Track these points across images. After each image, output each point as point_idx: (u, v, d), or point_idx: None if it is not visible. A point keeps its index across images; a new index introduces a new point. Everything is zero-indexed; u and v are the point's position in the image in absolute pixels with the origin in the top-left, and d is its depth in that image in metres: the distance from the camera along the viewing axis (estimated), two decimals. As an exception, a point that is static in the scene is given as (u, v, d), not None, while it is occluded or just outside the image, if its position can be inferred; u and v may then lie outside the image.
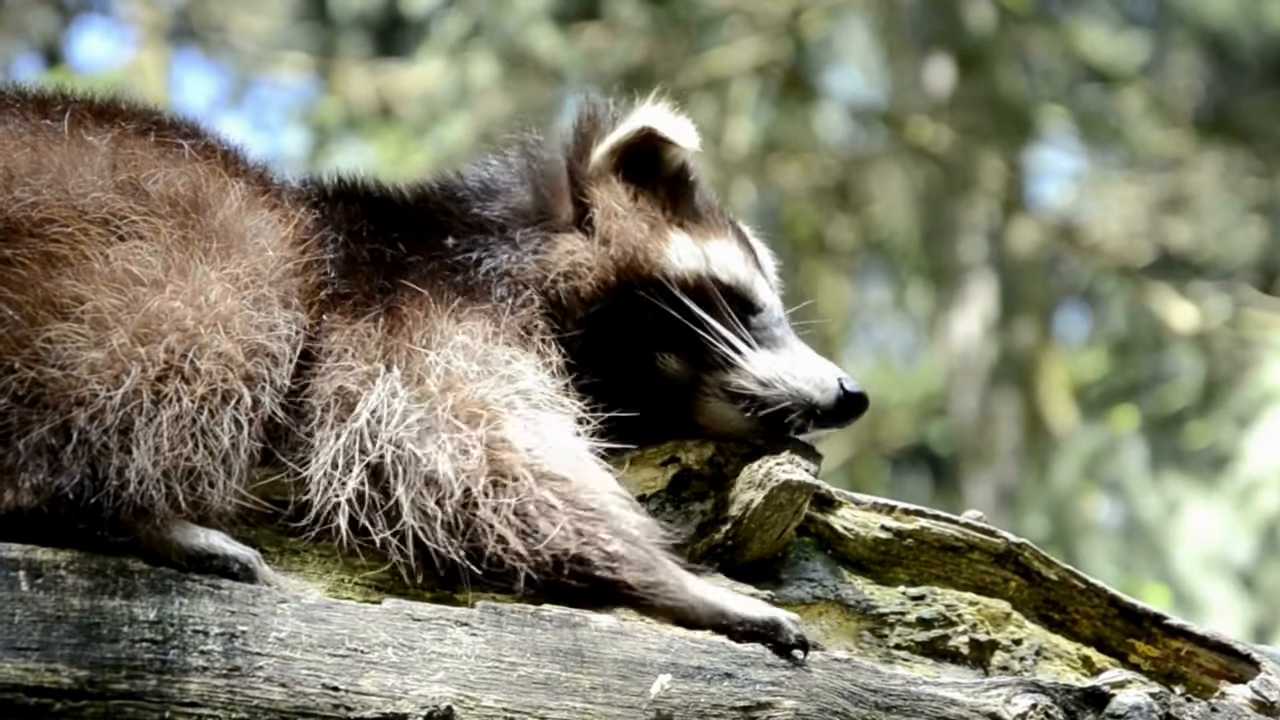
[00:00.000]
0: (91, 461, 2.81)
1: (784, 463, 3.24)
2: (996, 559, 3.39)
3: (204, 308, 2.96)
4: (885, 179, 14.78)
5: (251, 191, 3.18)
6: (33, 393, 2.82)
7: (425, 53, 13.12)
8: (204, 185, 3.10)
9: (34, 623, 2.72)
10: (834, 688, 3.04)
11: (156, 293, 2.93)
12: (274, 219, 3.17)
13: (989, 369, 13.11)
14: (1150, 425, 11.70)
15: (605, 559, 3.06)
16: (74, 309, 2.87)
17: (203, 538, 2.91)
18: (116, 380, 2.85)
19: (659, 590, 3.07)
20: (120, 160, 3.05)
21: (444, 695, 2.87)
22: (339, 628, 2.88)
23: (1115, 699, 3.16)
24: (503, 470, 3.08)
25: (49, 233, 2.91)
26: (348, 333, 3.17)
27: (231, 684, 2.79)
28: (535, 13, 12.42)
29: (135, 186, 3.03)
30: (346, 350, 3.15)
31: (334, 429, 3.10)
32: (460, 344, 3.17)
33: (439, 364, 3.14)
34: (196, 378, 2.92)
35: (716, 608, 3.07)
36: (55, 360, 2.83)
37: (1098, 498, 11.42)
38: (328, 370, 3.14)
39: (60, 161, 3.01)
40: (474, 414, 3.11)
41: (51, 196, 2.95)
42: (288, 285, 3.11)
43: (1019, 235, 13.29)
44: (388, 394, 3.10)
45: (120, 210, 2.98)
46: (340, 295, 3.23)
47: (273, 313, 3.04)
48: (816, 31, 13.82)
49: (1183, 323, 12.52)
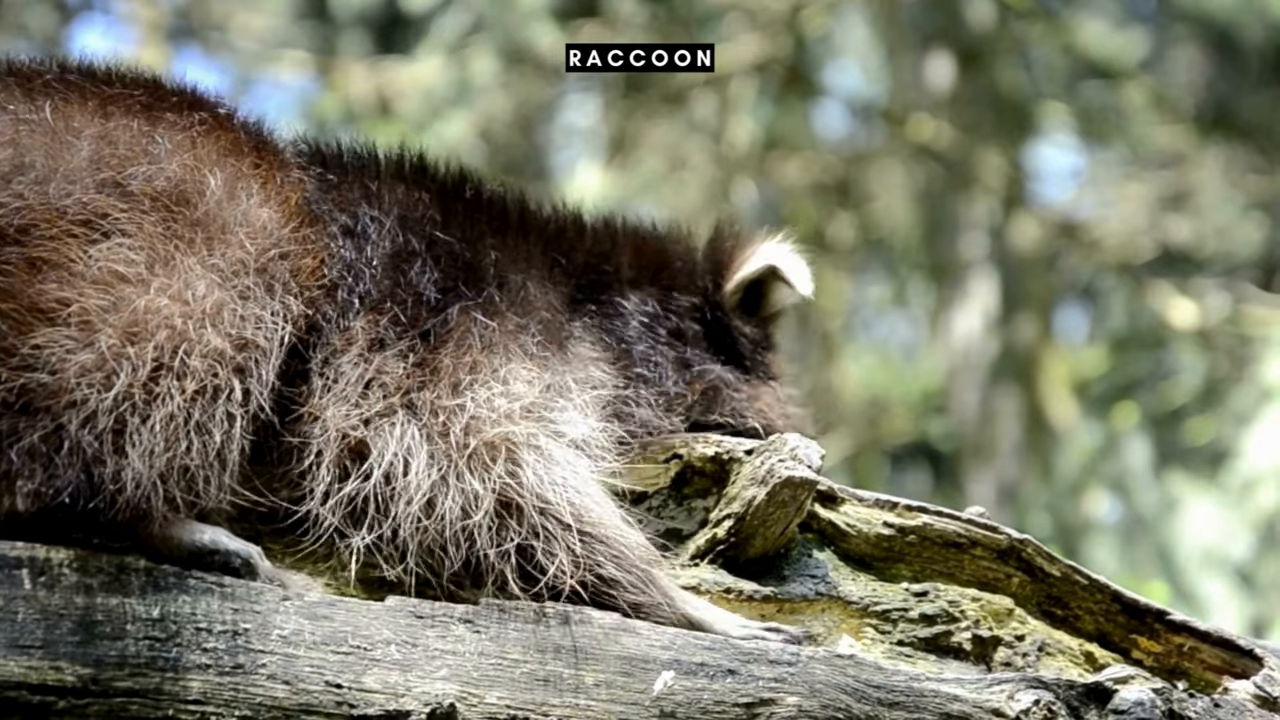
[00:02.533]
0: (86, 466, 2.78)
1: (786, 459, 3.24)
2: (999, 555, 3.39)
3: (191, 303, 2.93)
4: (886, 176, 14.79)
5: (240, 172, 3.13)
6: (23, 399, 2.79)
7: (425, 49, 13.11)
8: (189, 174, 3.06)
9: (37, 621, 2.71)
10: (837, 684, 3.04)
11: (142, 291, 2.90)
12: (263, 199, 3.13)
13: (990, 365, 13.10)
14: (1151, 422, 11.69)
15: (600, 583, 3.08)
16: (60, 312, 2.84)
17: (203, 534, 2.90)
18: (107, 382, 2.82)
19: (650, 612, 3.10)
20: (103, 156, 3.01)
21: (447, 692, 2.87)
22: (342, 625, 2.88)
23: (1118, 694, 3.16)
24: (509, 506, 3.08)
25: (33, 237, 2.88)
26: (369, 359, 3.14)
27: (234, 681, 2.79)
28: (535, 9, 12.41)
29: (117, 184, 2.99)
30: (363, 379, 3.12)
31: (340, 479, 3.07)
32: (512, 378, 3.17)
33: (469, 409, 3.13)
34: (187, 374, 2.89)
35: (699, 627, 3.11)
36: (44, 365, 2.80)
37: (1098, 494, 11.41)
38: (337, 397, 3.11)
39: (42, 160, 2.97)
40: (493, 455, 3.10)
41: (35, 200, 2.91)
42: (275, 270, 3.07)
43: (1019, 232, 13.28)
44: (403, 449, 3.08)
45: (102, 209, 2.95)
46: (367, 292, 3.21)
47: (261, 303, 3.01)
48: (816, 28, 13.81)
49: (1183, 319, 12.51)
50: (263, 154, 3.24)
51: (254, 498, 3.03)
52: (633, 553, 3.13)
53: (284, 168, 3.26)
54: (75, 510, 2.79)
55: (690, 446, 3.34)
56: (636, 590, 3.11)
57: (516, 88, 13.03)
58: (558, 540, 3.07)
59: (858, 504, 3.38)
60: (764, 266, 3.71)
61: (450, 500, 3.06)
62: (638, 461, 3.31)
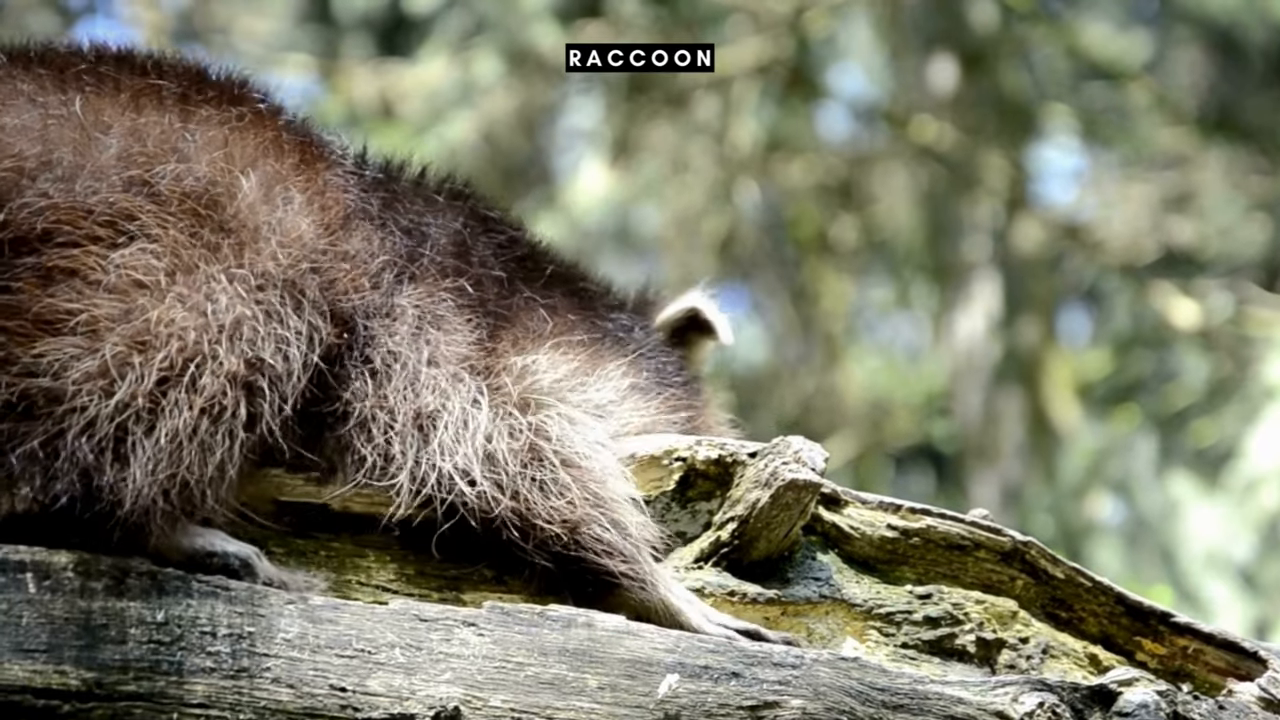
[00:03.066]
0: (84, 473, 2.75)
1: (790, 462, 3.24)
2: (1003, 557, 3.39)
3: (209, 316, 2.87)
4: (889, 178, 14.78)
5: (279, 173, 3.06)
6: (25, 403, 2.76)
7: (428, 51, 13.12)
8: (220, 175, 2.99)
9: (41, 625, 2.71)
10: (841, 686, 3.04)
11: (158, 300, 2.85)
12: (302, 204, 3.06)
13: (993, 368, 13.10)
14: (1154, 423, 11.70)
15: (595, 540, 3.12)
16: (66, 322, 2.79)
17: (201, 538, 2.89)
18: (109, 389, 2.78)
19: (634, 582, 3.14)
20: (131, 153, 2.95)
21: (451, 695, 2.87)
22: (346, 628, 2.88)
23: (1122, 697, 3.16)
24: (537, 452, 3.16)
25: (53, 242, 2.84)
26: (425, 341, 3.20)
27: (239, 685, 2.79)
28: (538, 10, 12.42)
29: (145, 183, 2.92)
30: (424, 360, 3.17)
31: (412, 449, 3.11)
32: (561, 360, 3.27)
33: (519, 364, 3.23)
34: (196, 390, 2.83)
35: (676, 616, 3.14)
36: (46, 371, 2.76)
37: (1102, 496, 11.42)
38: (403, 383, 3.14)
39: (70, 156, 2.91)
40: (526, 402, 3.19)
41: (60, 198, 2.86)
42: (306, 284, 3.01)
43: (1022, 234, 13.28)
44: (469, 402, 3.16)
45: (128, 210, 2.89)
46: (428, 272, 3.25)
47: (285, 322, 2.96)
48: (819, 30, 13.81)
49: (1186, 321, 12.51)
50: (306, 154, 3.17)
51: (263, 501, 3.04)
52: (630, 522, 3.17)
53: (330, 169, 3.20)
54: (71, 517, 2.77)
55: (694, 449, 3.34)
56: (628, 560, 3.14)
57: (519, 89, 13.04)
58: (572, 490, 3.14)
59: (861, 506, 3.38)
60: (687, 309, 3.90)
61: (499, 435, 3.15)
62: (642, 465, 3.31)
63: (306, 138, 3.22)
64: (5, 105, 2.97)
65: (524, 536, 3.11)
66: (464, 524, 3.12)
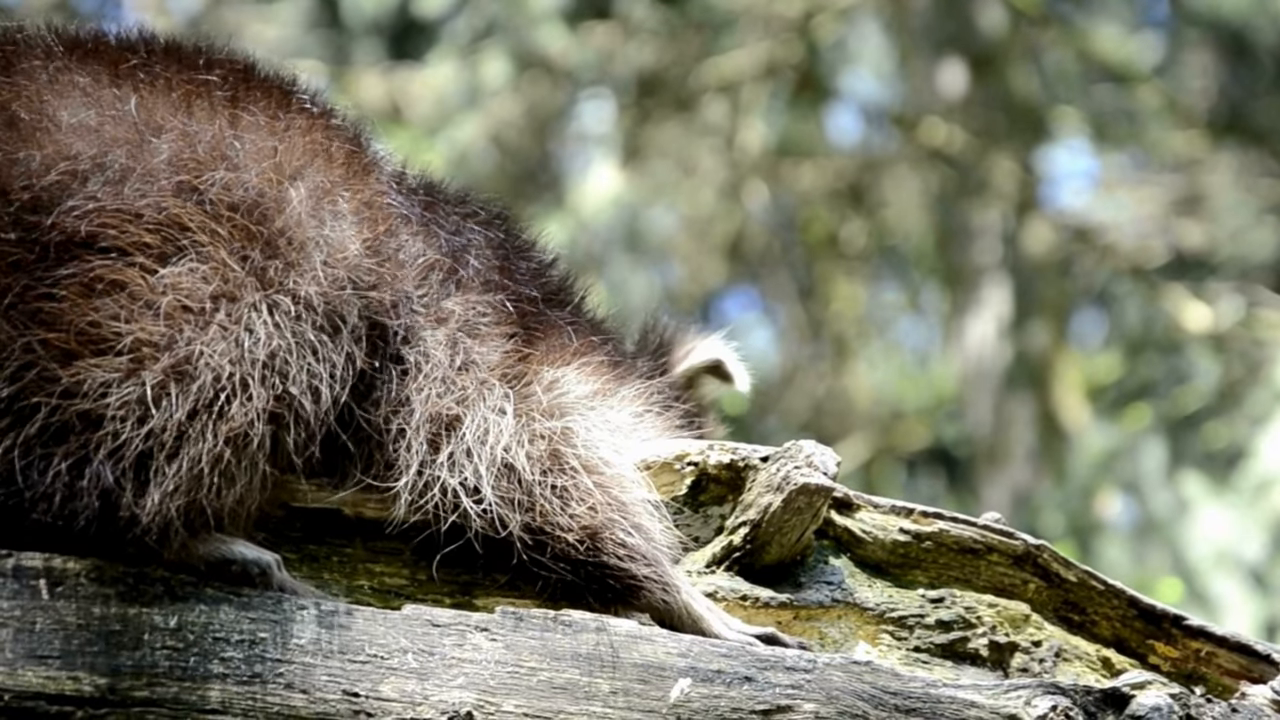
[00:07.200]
0: (104, 495, 2.74)
1: (802, 466, 3.24)
2: (1015, 561, 3.39)
3: (245, 347, 2.84)
4: (899, 181, 14.79)
5: (327, 185, 3.03)
6: (59, 425, 2.74)
7: (437, 54, 13.13)
8: (269, 186, 2.95)
9: (55, 631, 2.72)
10: (854, 690, 3.04)
11: (201, 330, 2.82)
12: (350, 217, 3.03)
13: (1004, 371, 13.11)
14: (1164, 424, 11.69)
15: (618, 545, 3.12)
16: (111, 344, 2.77)
17: (221, 546, 2.88)
18: (143, 419, 2.76)
19: (654, 586, 3.13)
20: (183, 158, 2.91)
21: (464, 701, 2.87)
22: (359, 634, 2.88)
23: (1135, 700, 3.15)
24: (559, 458, 3.15)
25: (98, 248, 2.80)
26: (468, 345, 3.20)
27: (252, 691, 2.79)
28: (547, 13, 12.43)
29: (195, 189, 2.89)
30: (456, 365, 3.16)
31: (432, 454, 3.10)
32: (588, 374, 3.30)
33: (550, 375, 3.23)
34: (224, 420, 2.81)
35: (698, 622, 3.14)
36: (86, 394, 2.74)
37: (1113, 498, 11.41)
38: (428, 385, 3.13)
39: (122, 157, 2.86)
40: (553, 411, 3.19)
41: (109, 200, 2.82)
42: (346, 310, 2.98)
43: (1033, 237, 13.28)
44: (493, 410, 3.15)
45: (177, 218, 2.85)
46: (471, 283, 3.25)
47: (320, 353, 2.93)
48: (829, 34, 13.82)
49: (1197, 323, 12.51)
50: (354, 162, 3.14)
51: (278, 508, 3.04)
52: (652, 527, 3.18)
53: (377, 177, 3.17)
54: (89, 535, 2.76)
55: (706, 453, 3.34)
56: (651, 564, 3.14)
57: (528, 92, 13.05)
58: (594, 495, 3.14)
59: (873, 510, 3.38)
60: (709, 361, 3.98)
61: (520, 445, 3.14)
62: (655, 470, 3.31)
63: (355, 143, 3.20)
64: (62, 99, 2.94)
65: (540, 550, 3.10)
66: (470, 544, 3.12)
